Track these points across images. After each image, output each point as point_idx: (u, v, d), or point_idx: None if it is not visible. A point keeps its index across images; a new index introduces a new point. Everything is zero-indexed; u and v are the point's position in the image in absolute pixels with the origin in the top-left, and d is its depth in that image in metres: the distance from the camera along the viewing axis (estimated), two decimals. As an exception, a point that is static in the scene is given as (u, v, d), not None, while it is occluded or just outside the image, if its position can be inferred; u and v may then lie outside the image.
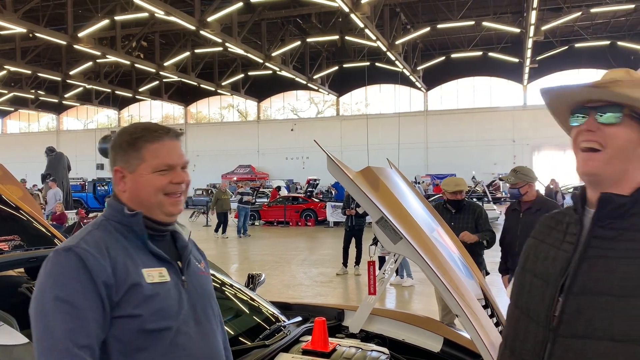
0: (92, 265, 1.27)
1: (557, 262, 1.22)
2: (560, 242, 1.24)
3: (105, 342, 1.28)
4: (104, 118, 45.96)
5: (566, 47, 29.90)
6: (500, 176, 30.69)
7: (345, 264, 10.14)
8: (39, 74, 27.46)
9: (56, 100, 35.45)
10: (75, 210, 14.65)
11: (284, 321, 2.85)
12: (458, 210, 5.07)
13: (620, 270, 1.11)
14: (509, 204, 4.81)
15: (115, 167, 1.43)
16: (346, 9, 16.39)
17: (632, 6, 22.24)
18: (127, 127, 1.49)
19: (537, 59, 27.80)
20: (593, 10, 22.34)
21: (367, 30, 19.26)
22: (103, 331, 1.27)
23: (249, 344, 2.48)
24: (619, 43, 28.53)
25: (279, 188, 29.24)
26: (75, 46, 20.18)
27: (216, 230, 16.77)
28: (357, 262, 10.11)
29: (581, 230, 1.21)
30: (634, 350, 1.07)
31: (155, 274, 1.36)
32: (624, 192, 1.16)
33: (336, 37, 23.82)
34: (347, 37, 23.43)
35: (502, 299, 5.06)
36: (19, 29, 18.65)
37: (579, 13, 22.25)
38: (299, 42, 25.71)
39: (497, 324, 2.44)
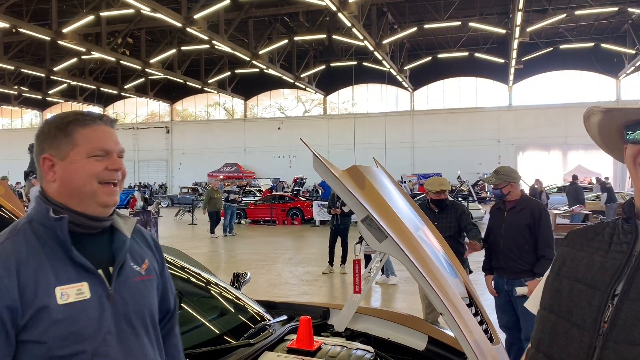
0: None
1: (607, 269, 1.19)
2: (606, 251, 1.23)
3: None
4: (89, 115, 45.48)
5: (551, 48, 30.24)
6: (484, 177, 31.00)
7: (331, 262, 10.16)
8: (22, 70, 27.07)
9: (40, 97, 34.98)
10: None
11: (269, 320, 2.84)
12: (441, 209, 5.14)
13: None
14: (493, 203, 4.87)
15: (43, 155, 1.31)
16: (334, 8, 16.39)
17: (615, 9, 22.54)
18: (55, 115, 1.37)
19: (523, 60, 28.09)
20: (577, 12, 22.62)
21: (354, 30, 19.29)
22: (6, 356, 1.19)
23: (234, 342, 2.47)
24: (603, 45, 28.92)
25: (271, 189, 29.23)
26: (60, 42, 19.93)
27: (212, 232, 16.51)
28: (343, 261, 10.13)
29: (636, 238, 1.19)
30: None
31: (71, 292, 1.24)
32: None
33: (323, 36, 23.84)
34: (334, 36, 23.45)
35: (486, 298, 5.11)
36: (2, 24, 18.37)
37: (564, 15, 22.51)
38: (286, 41, 25.67)
39: (481, 322, 2.46)
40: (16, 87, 33.33)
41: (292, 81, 30.18)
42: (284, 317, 2.91)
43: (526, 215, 4.21)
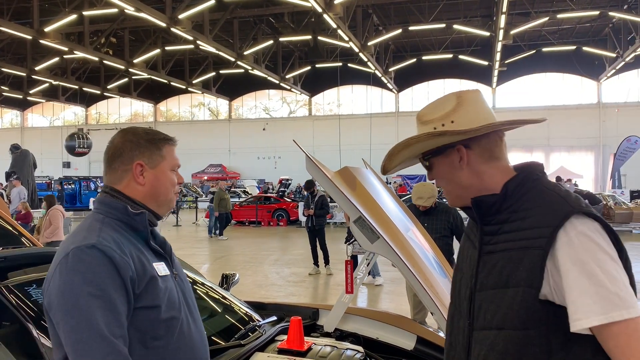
0: (118, 262, 1.36)
1: (472, 261, 1.33)
2: (476, 240, 1.35)
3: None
4: (71, 115, 44.89)
5: (534, 51, 30.56)
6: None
7: (316, 263, 10.17)
8: (3, 69, 26.64)
9: (20, 96, 34.44)
10: (42, 210, 14.26)
11: (259, 321, 2.84)
12: (431, 212, 5.14)
13: (499, 264, 1.23)
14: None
15: (138, 162, 1.53)
16: (319, 9, 16.40)
17: (597, 12, 22.88)
18: (136, 129, 1.60)
19: (506, 62, 28.35)
20: (560, 15, 22.90)
21: (339, 31, 19.32)
22: (127, 319, 1.37)
23: (224, 343, 2.47)
24: (584, 48, 29.32)
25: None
26: (41, 41, 19.65)
27: (221, 233, 16.31)
28: (326, 262, 10.14)
29: (478, 229, 1.34)
30: (510, 336, 1.18)
31: (160, 268, 1.49)
32: (496, 191, 1.30)
33: (309, 37, 23.83)
34: (319, 37, 23.46)
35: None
36: (-18, 22, 18.07)
37: (546, 18, 22.78)
38: (271, 41, 25.61)
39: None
40: (-4, 86, 32.81)
41: (277, 82, 30.11)
42: (274, 318, 2.92)
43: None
